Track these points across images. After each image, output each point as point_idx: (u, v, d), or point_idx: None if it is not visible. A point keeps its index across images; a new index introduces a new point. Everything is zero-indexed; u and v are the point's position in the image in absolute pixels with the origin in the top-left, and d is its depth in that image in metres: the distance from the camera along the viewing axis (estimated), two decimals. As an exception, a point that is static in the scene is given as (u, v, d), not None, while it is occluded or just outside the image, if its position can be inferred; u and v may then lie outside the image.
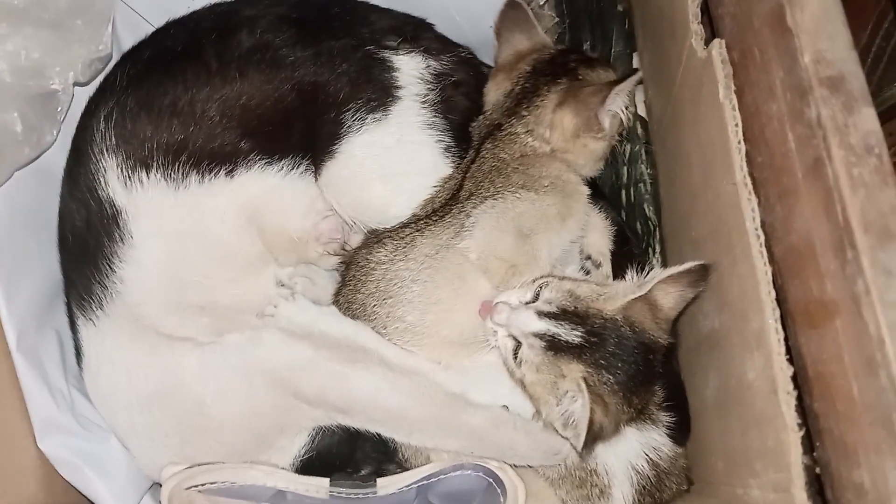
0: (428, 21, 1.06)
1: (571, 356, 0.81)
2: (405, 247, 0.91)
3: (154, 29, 1.02)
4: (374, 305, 0.91)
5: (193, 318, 0.91)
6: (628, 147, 1.11)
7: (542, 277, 0.87)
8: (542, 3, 1.14)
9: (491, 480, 0.89)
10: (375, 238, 0.95)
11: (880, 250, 0.57)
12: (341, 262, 1.00)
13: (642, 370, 0.82)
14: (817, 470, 0.66)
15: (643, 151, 1.11)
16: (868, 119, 0.57)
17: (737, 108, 0.70)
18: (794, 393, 0.64)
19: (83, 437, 0.94)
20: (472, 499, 0.90)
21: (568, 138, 0.95)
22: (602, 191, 1.11)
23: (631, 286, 0.84)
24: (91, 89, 0.98)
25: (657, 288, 0.83)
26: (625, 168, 1.12)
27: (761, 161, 0.70)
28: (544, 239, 0.90)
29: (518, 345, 0.83)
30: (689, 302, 0.85)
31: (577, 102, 0.94)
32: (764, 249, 0.67)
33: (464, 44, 1.06)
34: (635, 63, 1.14)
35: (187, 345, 0.90)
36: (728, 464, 0.83)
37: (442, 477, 0.90)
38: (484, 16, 1.06)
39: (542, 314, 0.82)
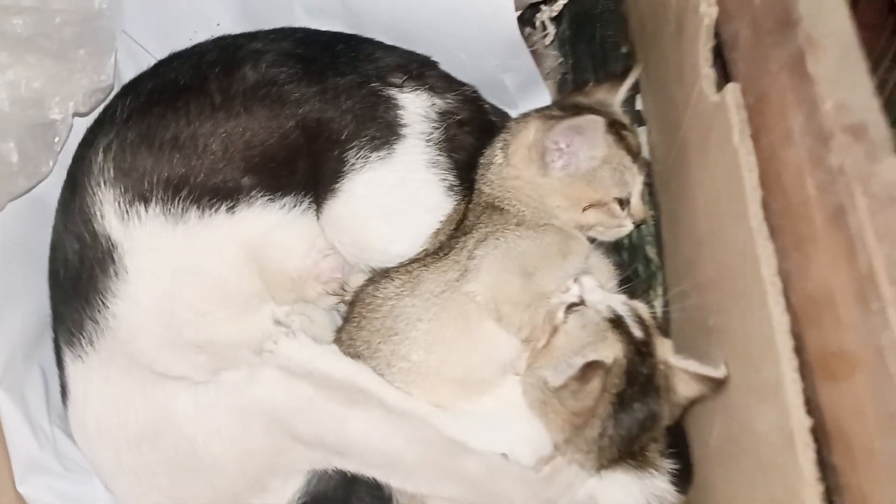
0: (432, 59, 1.05)
1: (621, 340, 0.82)
2: (412, 282, 0.90)
3: (156, 61, 1.00)
4: (379, 342, 0.89)
5: (189, 356, 0.88)
6: (631, 188, 1.11)
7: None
8: (546, 43, 1.14)
9: (488, 527, 0.86)
10: (384, 274, 0.94)
11: (905, 302, 0.55)
12: (344, 301, 0.98)
13: (637, 422, 0.82)
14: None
15: (646, 192, 1.10)
16: (891, 168, 0.56)
17: (752, 153, 0.69)
18: (814, 446, 0.62)
19: (65, 477, 0.91)
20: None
21: (522, 162, 0.93)
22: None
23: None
24: (88, 120, 0.96)
25: (679, 375, 0.84)
26: (627, 209, 1.11)
27: (776, 207, 0.69)
28: (548, 277, 0.88)
29: (577, 305, 0.85)
30: (701, 398, 0.85)
31: (535, 131, 0.92)
32: (781, 297, 0.65)
33: (467, 82, 1.06)
34: (638, 105, 1.14)
35: (181, 383, 0.87)
36: (734, 513, 0.81)
37: (438, 524, 0.87)
38: (486, 54, 1.06)
39: (626, 306, 0.86)
